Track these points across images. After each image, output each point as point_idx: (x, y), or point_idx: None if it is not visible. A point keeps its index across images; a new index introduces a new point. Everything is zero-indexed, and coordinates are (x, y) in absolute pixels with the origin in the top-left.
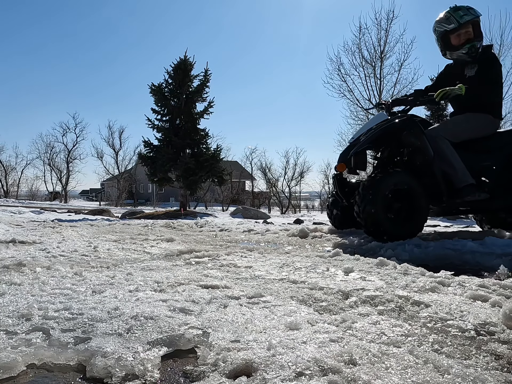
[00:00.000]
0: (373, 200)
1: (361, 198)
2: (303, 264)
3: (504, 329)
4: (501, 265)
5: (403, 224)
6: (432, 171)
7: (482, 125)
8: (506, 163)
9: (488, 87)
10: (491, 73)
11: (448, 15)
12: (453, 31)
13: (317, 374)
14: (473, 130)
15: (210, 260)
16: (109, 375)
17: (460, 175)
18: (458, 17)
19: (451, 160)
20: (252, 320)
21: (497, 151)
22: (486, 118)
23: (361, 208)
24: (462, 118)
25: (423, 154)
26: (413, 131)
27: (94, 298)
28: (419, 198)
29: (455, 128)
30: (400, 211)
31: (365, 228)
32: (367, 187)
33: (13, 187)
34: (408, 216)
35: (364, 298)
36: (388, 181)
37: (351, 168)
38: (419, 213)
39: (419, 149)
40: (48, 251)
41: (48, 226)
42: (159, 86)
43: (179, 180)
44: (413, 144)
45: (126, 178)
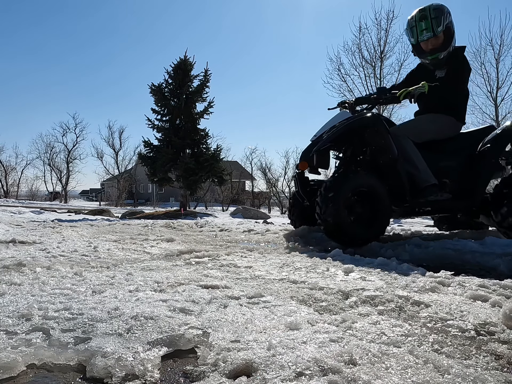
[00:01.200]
0: (335, 201)
1: (323, 199)
2: (303, 264)
3: (504, 329)
4: (501, 265)
5: (365, 227)
6: (396, 171)
7: (445, 127)
8: (467, 164)
9: (454, 90)
10: (458, 76)
11: (413, 24)
12: None
13: (317, 374)
14: (436, 131)
15: (210, 260)
16: (109, 375)
17: (422, 175)
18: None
19: (414, 160)
20: (252, 320)
21: (459, 152)
22: (449, 120)
23: (323, 209)
24: (425, 119)
25: (387, 153)
26: (377, 129)
27: (94, 298)
28: (382, 199)
29: (419, 128)
30: (363, 212)
31: (325, 230)
32: (329, 187)
33: (13, 187)
34: (371, 218)
35: (364, 298)
36: (351, 181)
37: (313, 167)
38: (382, 214)
39: (383, 148)
40: (48, 251)
41: (48, 226)
42: (159, 86)
43: (179, 180)
44: (377, 142)
45: (126, 178)
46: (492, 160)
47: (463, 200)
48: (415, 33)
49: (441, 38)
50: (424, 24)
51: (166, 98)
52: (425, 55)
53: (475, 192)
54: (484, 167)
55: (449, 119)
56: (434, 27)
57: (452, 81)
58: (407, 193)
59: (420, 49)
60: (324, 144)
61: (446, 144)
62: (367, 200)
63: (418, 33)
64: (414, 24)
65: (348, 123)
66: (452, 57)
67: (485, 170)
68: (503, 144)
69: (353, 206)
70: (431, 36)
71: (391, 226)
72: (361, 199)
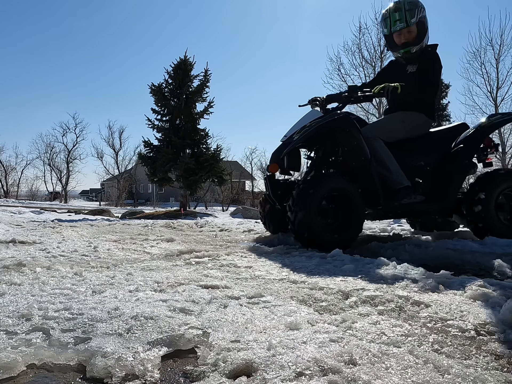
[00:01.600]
0: (307, 205)
1: (294, 202)
2: (303, 264)
3: (504, 329)
4: (501, 265)
5: (338, 231)
6: (368, 173)
7: (416, 125)
8: (440, 164)
9: (425, 86)
10: (430, 73)
11: (386, 15)
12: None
13: (317, 374)
14: (407, 129)
15: (210, 260)
16: (109, 375)
17: (395, 177)
18: (392, 23)
19: (386, 162)
20: (252, 320)
21: (431, 151)
22: (420, 117)
23: (294, 213)
24: (396, 117)
25: (359, 155)
26: (349, 129)
27: (94, 298)
28: (355, 202)
29: (389, 127)
30: (336, 216)
31: (296, 235)
32: (301, 190)
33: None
34: (344, 222)
35: (364, 298)
36: (324, 185)
37: (284, 169)
38: (356, 218)
39: (355, 150)
40: (48, 251)
41: (48, 226)
42: (159, 86)
43: (179, 180)
44: (349, 144)
45: (126, 178)
46: (466, 160)
47: (437, 201)
48: (388, 23)
49: (414, 32)
50: (398, 15)
51: (166, 98)
52: (397, 48)
53: (449, 193)
54: (457, 167)
55: (420, 116)
56: (407, 18)
57: (423, 78)
58: (380, 196)
59: (393, 42)
60: (294, 145)
61: (418, 143)
62: (339, 203)
63: (391, 24)
64: (388, 15)
65: (320, 124)
66: (424, 53)
67: (459, 170)
68: (477, 143)
69: (325, 210)
70: (404, 27)
71: (391, 226)
72: (333, 202)
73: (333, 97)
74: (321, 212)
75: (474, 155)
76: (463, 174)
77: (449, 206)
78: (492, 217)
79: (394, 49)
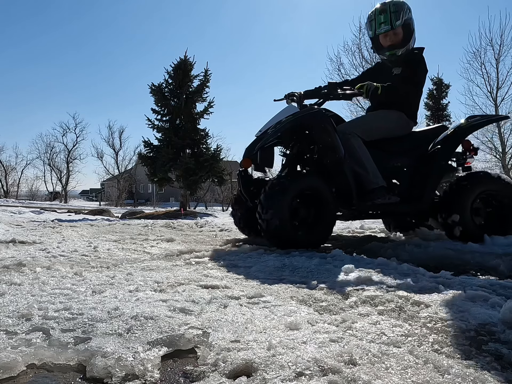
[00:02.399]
0: (278, 203)
1: (266, 200)
2: (304, 264)
3: (504, 329)
4: (501, 265)
5: (310, 231)
6: (342, 171)
7: (396, 125)
8: (417, 165)
9: (408, 88)
10: (414, 74)
11: (372, 17)
12: None
13: (317, 374)
14: (387, 129)
15: (210, 260)
16: (109, 375)
17: (371, 177)
18: (377, 25)
19: (363, 160)
20: (252, 320)
21: (409, 152)
22: (400, 117)
23: (264, 210)
24: (376, 115)
25: (333, 152)
26: (324, 126)
27: (94, 298)
28: (328, 201)
29: (369, 125)
30: (308, 215)
31: (266, 233)
32: (273, 187)
33: (13, 187)
34: (317, 221)
35: (364, 298)
36: (296, 183)
37: (257, 165)
38: (328, 218)
39: (329, 146)
40: (48, 251)
41: (48, 226)
42: (159, 86)
43: (179, 180)
44: (323, 141)
45: (126, 178)
46: (442, 162)
47: (412, 203)
48: (374, 26)
49: (399, 34)
50: (383, 17)
51: (166, 98)
52: (383, 50)
53: (424, 195)
54: (434, 169)
55: (401, 116)
56: (392, 20)
57: (407, 79)
58: (354, 195)
59: (379, 44)
60: (268, 140)
61: (396, 143)
62: (312, 202)
63: (376, 26)
64: (373, 18)
65: (294, 119)
66: (409, 55)
67: (435, 172)
68: (454, 145)
69: (297, 209)
70: (389, 29)
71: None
72: (306, 201)
73: (310, 92)
74: (293, 211)
75: (451, 157)
76: (439, 176)
77: (424, 208)
78: (468, 222)
79: (379, 52)
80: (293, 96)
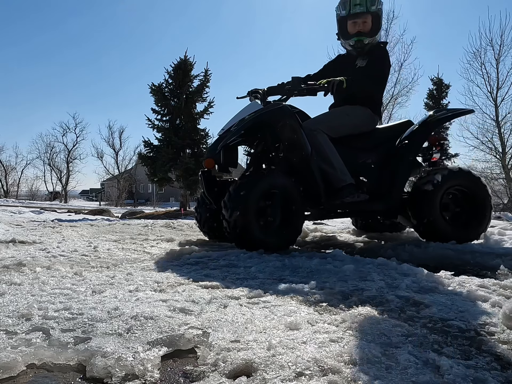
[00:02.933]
0: (244, 203)
1: (230, 201)
2: (304, 264)
3: (504, 329)
4: (501, 265)
5: (278, 232)
6: (309, 169)
7: (362, 120)
8: (385, 162)
9: (373, 81)
10: (378, 69)
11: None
12: (350, 17)
13: (317, 374)
14: (353, 124)
15: (210, 260)
16: (109, 375)
17: (339, 174)
18: (352, 5)
19: (330, 158)
20: (252, 320)
21: (376, 148)
22: (365, 112)
23: (229, 211)
24: (341, 111)
25: (299, 150)
26: (289, 123)
27: (94, 298)
28: (295, 200)
29: (335, 121)
30: (275, 216)
31: (231, 235)
32: (237, 188)
33: (13, 187)
34: (284, 222)
35: (364, 298)
36: (262, 181)
37: (220, 165)
38: (296, 218)
39: (295, 144)
40: (48, 251)
41: (48, 226)
42: (159, 86)
43: (179, 180)
44: (289, 138)
45: (126, 178)
46: (410, 158)
47: (381, 201)
48: (348, 5)
49: (369, 23)
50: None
51: (166, 98)
52: (350, 36)
53: (394, 192)
54: (402, 165)
55: (366, 111)
56: (367, 4)
57: (371, 73)
58: (322, 194)
59: (346, 30)
60: (231, 138)
61: (363, 139)
62: (279, 202)
63: (351, 6)
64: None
65: (257, 116)
66: (375, 48)
67: (403, 169)
68: (421, 140)
69: (263, 209)
70: (364, 11)
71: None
72: (272, 201)
73: (274, 89)
74: (259, 211)
75: (418, 152)
76: (407, 172)
77: (393, 206)
78: (437, 218)
79: (346, 37)
80: (257, 93)
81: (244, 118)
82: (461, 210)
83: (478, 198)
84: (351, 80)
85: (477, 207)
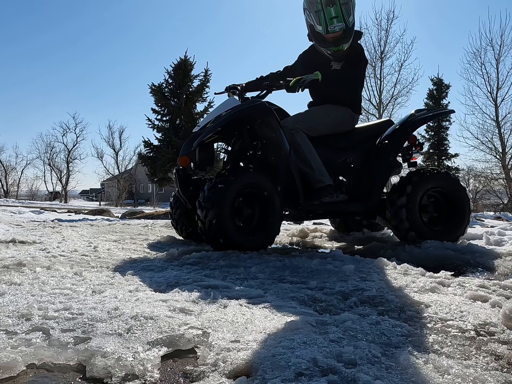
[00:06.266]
0: (220, 202)
1: (205, 200)
2: (304, 264)
3: (504, 329)
4: (501, 265)
5: (255, 233)
6: (288, 169)
7: (342, 119)
8: (365, 161)
9: (351, 82)
10: (356, 68)
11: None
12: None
13: (317, 374)
14: (333, 124)
15: (210, 260)
16: (109, 375)
17: (317, 175)
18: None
19: (308, 158)
20: (252, 320)
21: (356, 148)
22: (346, 112)
23: (204, 210)
24: (321, 110)
25: (277, 148)
26: (267, 120)
27: (94, 298)
28: (273, 201)
29: (315, 120)
30: (252, 216)
31: (206, 236)
32: (212, 187)
33: (13, 187)
34: (261, 222)
35: (364, 298)
36: (238, 180)
37: (196, 163)
38: (274, 218)
39: (273, 142)
40: (48, 251)
41: (48, 226)
42: (159, 86)
43: None
44: (266, 136)
45: (126, 178)
46: (390, 158)
47: (361, 201)
48: (323, 20)
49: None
50: (334, 11)
51: (166, 98)
52: (328, 45)
53: (373, 193)
54: (382, 165)
55: (347, 112)
56: (345, 16)
57: (350, 73)
58: (300, 194)
59: (322, 38)
60: (207, 135)
61: (342, 139)
62: (256, 202)
63: (327, 21)
64: (320, 8)
65: (234, 112)
66: (351, 50)
67: (382, 169)
68: (401, 140)
69: (240, 209)
70: (343, 28)
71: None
72: (250, 200)
73: (253, 84)
74: (235, 211)
75: (398, 152)
76: (387, 172)
77: (372, 206)
78: (416, 219)
79: (322, 45)
80: (235, 89)
81: (221, 114)
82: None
83: (457, 201)
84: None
85: (456, 210)
